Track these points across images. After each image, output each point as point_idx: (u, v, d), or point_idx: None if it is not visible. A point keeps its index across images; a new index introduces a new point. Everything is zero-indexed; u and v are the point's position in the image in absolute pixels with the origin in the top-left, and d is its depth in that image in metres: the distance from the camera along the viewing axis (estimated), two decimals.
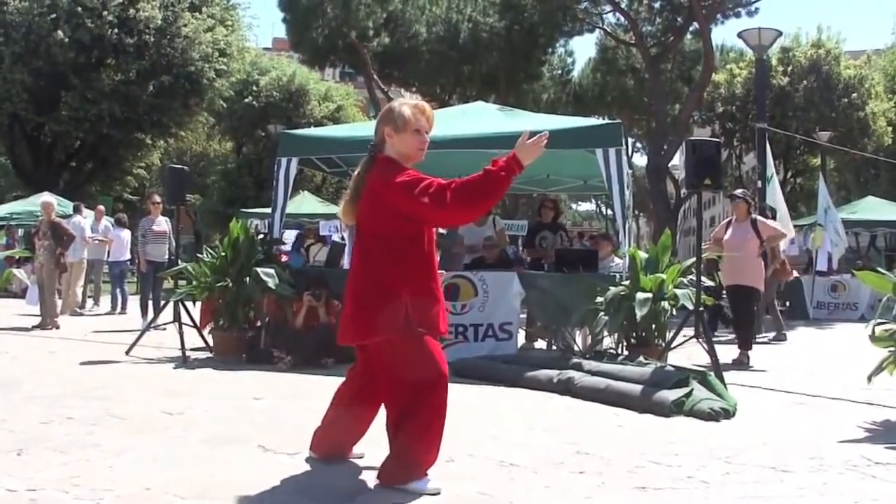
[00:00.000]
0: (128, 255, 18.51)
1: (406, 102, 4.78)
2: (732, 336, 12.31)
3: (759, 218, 11.99)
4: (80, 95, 28.19)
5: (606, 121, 17.65)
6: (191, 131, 40.56)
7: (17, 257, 20.97)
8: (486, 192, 4.44)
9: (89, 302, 18.83)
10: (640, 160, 55.32)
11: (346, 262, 13.38)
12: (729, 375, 8.95)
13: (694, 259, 9.78)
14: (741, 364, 10.94)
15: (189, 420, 6.56)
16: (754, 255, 11.38)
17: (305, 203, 27.44)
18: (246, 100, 39.37)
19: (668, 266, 9.73)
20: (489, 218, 12.44)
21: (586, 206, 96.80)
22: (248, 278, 10.44)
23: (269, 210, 12.13)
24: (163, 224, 15.17)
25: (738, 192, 12.24)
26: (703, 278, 9.60)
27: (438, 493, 4.53)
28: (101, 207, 19.84)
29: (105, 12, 27.74)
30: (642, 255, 9.90)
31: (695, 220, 10.40)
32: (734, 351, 11.29)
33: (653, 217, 39.43)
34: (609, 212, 10.44)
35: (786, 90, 33.05)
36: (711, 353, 8.87)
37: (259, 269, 10.39)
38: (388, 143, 4.70)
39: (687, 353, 10.01)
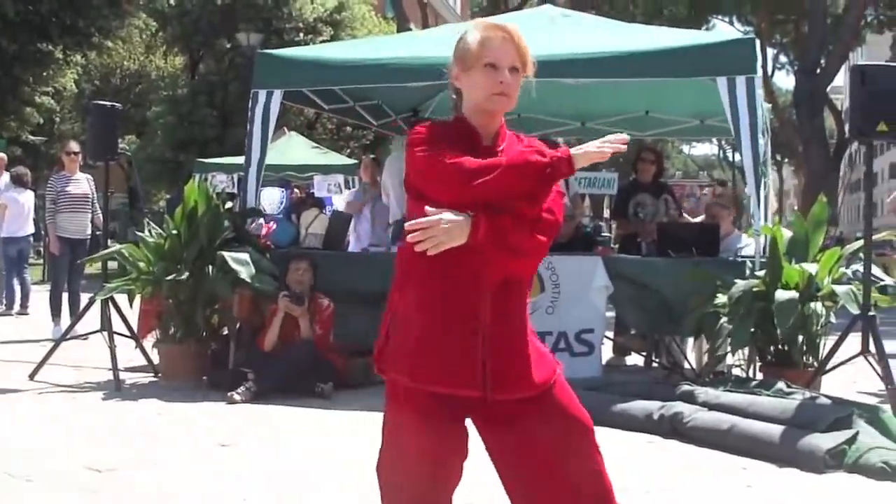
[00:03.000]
0: (30, 229, 18.21)
1: (481, 23, 4.28)
2: None
3: None
4: None
5: (733, 34, 17.30)
6: (122, 41, 40.63)
7: None
8: (509, 186, 3.99)
9: None
10: (786, 81, 55.14)
11: (353, 242, 13.43)
12: None
13: (862, 241, 9.77)
14: None
15: (126, 480, 6.70)
16: None
17: (293, 148, 27.34)
18: None
19: (822, 250, 9.75)
20: None
21: (705, 150, 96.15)
22: (210, 267, 10.58)
23: (239, 160, 12.14)
24: (83, 184, 15.10)
25: None
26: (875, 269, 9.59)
27: None
28: (2, 156, 19.73)
29: None
30: (786, 233, 9.91)
31: (864, 175, 10.34)
32: None
33: (803, 165, 39.17)
34: (737, 157, 10.38)
35: None
36: (886, 376, 8.81)
37: (227, 254, 10.50)
38: (462, 93, 4.30)
39: (852, 375, 10.02)
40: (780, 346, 9.63)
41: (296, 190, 23.57)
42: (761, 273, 9.60)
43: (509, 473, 4.11)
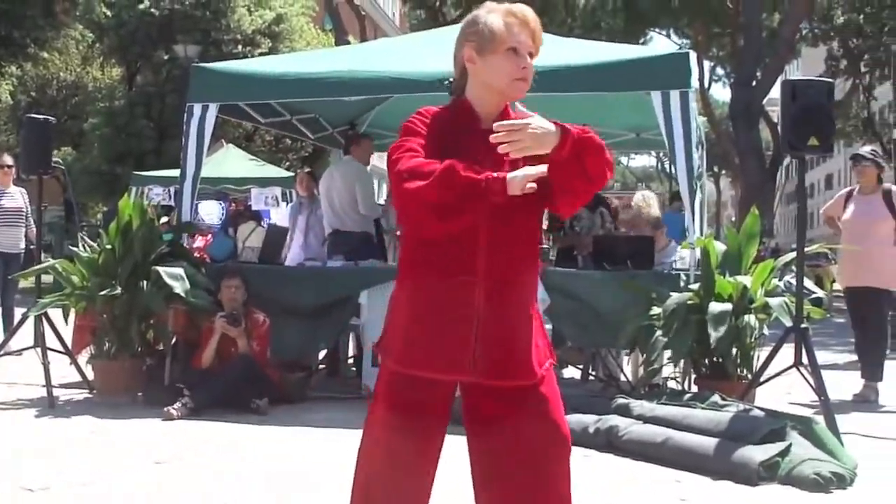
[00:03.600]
0: None
1: (496, 8, 4.22)
2: (853, 359, 12.32)
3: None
4: None
5: (670, 48, 17.44)
6: (58, 52, 40.32)
7: None
8: (439, 192, 3.89)
9: None
10: (723, 93, 55.61)
11: (292, 254, 13.34)
12: (846, 420, 9.06)
13: (794, 253, 9.82)
14: (866, 401, 11.05)
15: (60, 499, 6.63)
16: (888, 243, 11.35)
17: (230, 161, 27.19)
18: (141, 5, 39.21)
19: (758, 261, 9.79)
20: None
21: (643, 161, 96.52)
22: (145, 282, 10.50)
23: (177, 172, 12.05)
24: (17, 197, 14.91)
25: (865, 150, 12.08)
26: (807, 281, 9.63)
27: None
28: None
29: None
30: (719, 247, 9.96)
31: (796, 189, 10.35)
32: (856, 383, 11.39)
33: (739, 177, 39.43)
34: (674, 169, 10.45)
35: None
36: (819, 388, 8.86)
37: (162, 269, 10.41)
38: (470, 75, 4.25)
39: (786, 386, 10.08)
40: (714, 359, 9.67)
41: (233, 203, 23.48)
42: (695, 286, 9.66)
43: (486, 477, 4.10)
